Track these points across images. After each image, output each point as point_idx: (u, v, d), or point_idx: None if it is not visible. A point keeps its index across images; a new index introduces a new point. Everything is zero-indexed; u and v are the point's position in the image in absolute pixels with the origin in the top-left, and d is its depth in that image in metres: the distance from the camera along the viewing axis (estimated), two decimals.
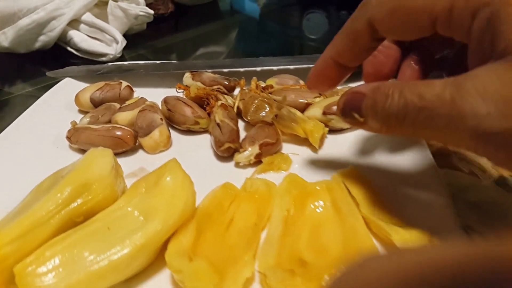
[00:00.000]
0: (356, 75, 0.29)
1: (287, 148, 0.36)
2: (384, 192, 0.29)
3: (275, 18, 0.86)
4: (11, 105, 0.52)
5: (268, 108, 0.37)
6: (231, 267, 0.23)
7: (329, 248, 0.25)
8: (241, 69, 0.47)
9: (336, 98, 0.37)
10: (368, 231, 0.25)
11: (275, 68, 0.47)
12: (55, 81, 0.51)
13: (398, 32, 0.23)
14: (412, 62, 0.27)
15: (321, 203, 0.28)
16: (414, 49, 0.27)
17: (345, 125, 0.37)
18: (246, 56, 0.72)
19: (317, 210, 0.28)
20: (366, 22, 0.23)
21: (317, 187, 0.29)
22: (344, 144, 0.36)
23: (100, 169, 0.27)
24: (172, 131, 0.39)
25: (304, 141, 0.36)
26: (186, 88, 0.41)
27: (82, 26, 0.58)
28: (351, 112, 0.23)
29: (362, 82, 0.26)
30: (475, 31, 0.19)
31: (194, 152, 0.37)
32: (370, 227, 0.26)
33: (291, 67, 0.46)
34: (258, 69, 0.47)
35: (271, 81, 0.42)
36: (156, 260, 0.25)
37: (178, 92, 0.41)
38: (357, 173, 0.30)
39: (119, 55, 0.56)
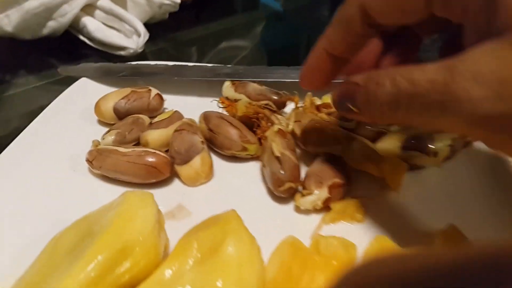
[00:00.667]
0: None
1: (355, 187, 0.30)
2: None
3: (301, 13, 0.79)
4: (13, 101, 0.45)
5: (334, 138, 0.30)
6: None
7: None
8: (287, 80, 0.40)
9: (414, 129, 0.31)
10: None
11: None
12: (65, 76, 0.44)
13: (391, 15, 0.21)
14: (392, 54, 0.25)
15: None
16: (399, 37, 0.25)
17: (428, 163, 0.30)
18: (270, 52, 0.65)
19: None
20: (358, 7, 0.22)
21: None
22: (426, 184, 0.30)
23: (142, 225, 0.21)
24: (212, 155, 0.32)
25: (376, 180, 0.30)
26: (231, 103, 0.34)
27: (97, 12, 0.50)
28: (346, 104, 0.22)
29: None
30: (472, 9, 0.18)
31: (241, 186, 0.30)
32: None
33: None
34: None
35: (329, 99, 0.36)
36: None
37: (219, 107, 0.35)
38: (459, 235, 0.24)
39: (140, 50, 0.48)
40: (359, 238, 0.25)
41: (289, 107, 0.36)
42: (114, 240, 0.20)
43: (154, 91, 0.36)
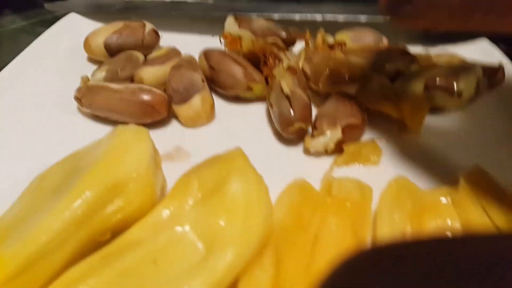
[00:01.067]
0: None
1: (370, 129, 0.27)
2: None
3: None
4: None
5: (348, 76, 0.27)
6: None
7: None
8: (296, 16, 0.37)
9: (438, 68, 0.28)
10: None
11: (341, 18, 0.36)
12: (55, 15, 0.40)
13: None
14: None
15: (448, 224, 0.20)
16: None
17: (452, 104, 0.28)
18: None
19: (443, 233, 0.20)
20: None
21: (441, 199, 0.21)
22: (448, 128, 0.28)
23: (137, 162, 0.19)
24: (213, 95, 0.29)
25: (394, 122, 0.27)
26: (235, 39, 0.31)
27: None
28: (401, 4, 0.18)
29: None
30: None
31: (245, 128, 0.28)
32: None
33: (363, 17, 0.36)
34: (319, 17, 0.37)
35: (343, 36, 0.32)
36: None
37: (222, 43, 0.31)
38: (488, 178, 0.21)
39: None
40: (374, 181, 0.23)
41: (299, 46, 0.32)
42: (104, 176, 0.17)
43: (149, 26, 0.32)
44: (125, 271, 0.16)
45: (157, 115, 0.27)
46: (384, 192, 0.21)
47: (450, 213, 0.20)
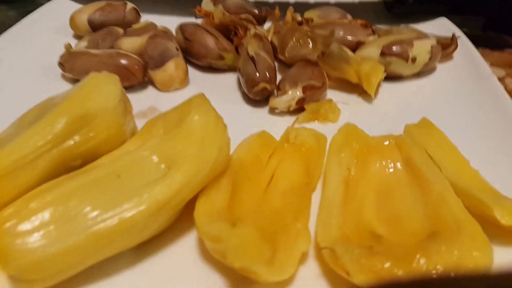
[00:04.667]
0: None
1: (332, 95, 0.29)
2: (466, 154, 0.22)
3: None
4: None
5: (311, 44, 0.30)
6: (283, 237, 0.17)
7: (406, 220, 0.19)
8: None
9: (394, 37, 0.30)
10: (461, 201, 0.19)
11: (311, 0, 0.39)
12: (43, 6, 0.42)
13: None
14: None
15: (391, 162, 0.22)
16: None
17: (407, 71, 0.30)
18: None
19: (386, 170, 0.22)
20: None
21: (384, 142, 0.23)
22: (403, 94, 0.30)
23: (105, 99, 0.20)
24: (188, 66, 0.31)
25: (353, 88, 0.29)
26: (208, 13, 0.33)
27: None
28: None
29: None
30: None
31: (216, 93, 0.30)
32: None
33: (332, 0, 0.39)
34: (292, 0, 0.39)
35: (311, 14, 0.35)
36: (177, 222, 0.19)
37: (197, 18, 0.34)
38: (432, 127, 0.24)
39: None
40: (331, 135, 0.25)
41: (270, 24, 0.35)
42: (75, 107, 0.19)
43: (130, 5, 0.35)
44: (90, 183, 0.17)
45: (133, 79, 0.29)
46: (335, 136, 0.23)
47: (393, 153, 0.22)
